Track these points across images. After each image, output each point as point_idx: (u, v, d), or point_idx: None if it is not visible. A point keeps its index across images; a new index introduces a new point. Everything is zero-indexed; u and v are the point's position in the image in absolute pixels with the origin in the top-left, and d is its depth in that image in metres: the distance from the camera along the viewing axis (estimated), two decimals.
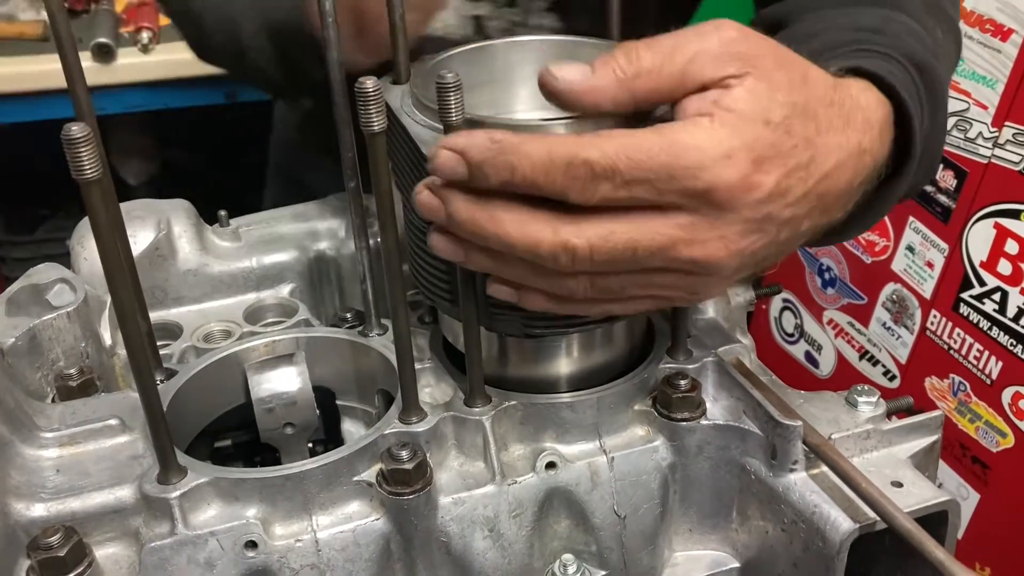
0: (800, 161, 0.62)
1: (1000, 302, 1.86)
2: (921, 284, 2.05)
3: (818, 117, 0.63)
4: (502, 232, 0.60)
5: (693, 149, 0.59)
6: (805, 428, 0.72)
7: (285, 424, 0.82)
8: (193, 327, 0.92)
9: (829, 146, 0.64)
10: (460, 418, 0.74)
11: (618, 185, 0.58)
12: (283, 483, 0.69)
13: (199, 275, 0.95)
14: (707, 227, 0.61)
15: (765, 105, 0.61)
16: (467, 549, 0.72)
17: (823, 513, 0.69)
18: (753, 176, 0.60)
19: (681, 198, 0.60)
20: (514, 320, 0.72)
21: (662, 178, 0.58)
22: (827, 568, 0.69)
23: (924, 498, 0.69)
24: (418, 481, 0.69)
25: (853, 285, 2.24)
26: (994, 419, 1.90)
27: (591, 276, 0.63)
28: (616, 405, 0.76)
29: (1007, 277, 1.85)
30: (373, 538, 0.70)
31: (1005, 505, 1.85)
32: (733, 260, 0.62)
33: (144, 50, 2.35)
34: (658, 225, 0.60)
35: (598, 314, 0.70)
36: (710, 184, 0.59)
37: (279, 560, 0.68)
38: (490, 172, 0.59)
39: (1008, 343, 1.85)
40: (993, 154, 1.88)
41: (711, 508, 0.78)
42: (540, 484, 0.73)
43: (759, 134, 0.60)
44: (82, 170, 0.56)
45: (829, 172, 0.64)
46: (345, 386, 0.87)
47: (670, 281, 0.64)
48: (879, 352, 2.19)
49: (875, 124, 0.68)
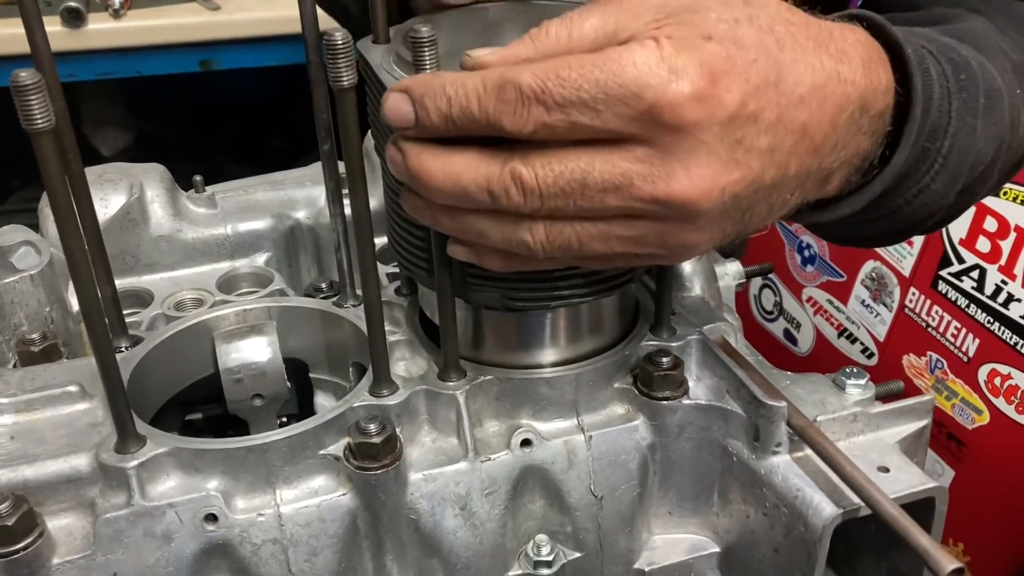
0: (766, 78, 0.54)
1: (978, 280, 1.86)
2: (900, 261, 2.04)
3: (775, 32, 0.56)
4: (453, 174, 0.57)
5: (630, 65, 0.52)
6: (789, 409, 0.69)
7: (254, 395, 0.79)
8: (164, 295, 0.90)
9: (798, 65, 0.56)
10: (433, 392, 0.71)
11: (551, 107, 0.53)
12: (246, 455, 0.66)
13: (172, 241, 0.92)
14: (666, 156, 0.54)
15: (700, 25, 0.54)
16: (437, 527, 0.70)
17: (806, 497, 0.67)
18: (712, 90, 0.52)
19: (629, 124, 0.53)
20: (494, 291, 0.69)
21: (598, 99, 0.52)
22: (809, 554, 0.66)
23: (911, 484, 0.66)
24: (387, 456, 0.67)
25: (832, 263, 2.22)
26: (970, 396, 1.90)
27: (546, 224, 0.58)
28: (595, 382, 0.73)
29: (985, 255, 1.85)
30: (339, 514, 0.68)
31: (979, 482, 1.85)
32: (708, 200, 0.55)
33: (115, 15, 2.30)
34: (610, 156, 0.54)
35: (565, 264, 0.64)
36: (655, 101, 0.52)
37: (240, 534, 0.66)
38: (429, 105, 0.56)
39: (985, 320, 1.85)
40: None
41: (691, 490, 0.76)
42: (515, 462, 0.71)
43: (706, 48, 0.53)
44: (32, 120, 0.53)
45: (805, 96, 0.56)
46: (318, 358, 0.85)
47: (637, 233, 0.58)
48: (857, 330, 2.19)
49: (854, 57, 0.59)
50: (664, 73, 0.52)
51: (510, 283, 0.68)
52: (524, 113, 0.54)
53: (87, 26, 2.27)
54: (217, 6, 2.36)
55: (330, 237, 0.95)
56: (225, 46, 2.38)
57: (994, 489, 1.79)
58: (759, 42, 0.55)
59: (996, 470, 1.83)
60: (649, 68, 0.52)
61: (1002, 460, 1.83)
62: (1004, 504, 1.78)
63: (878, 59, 0.62)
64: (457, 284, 0.69)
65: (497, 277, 0.67)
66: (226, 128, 3.05)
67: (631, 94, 0.52)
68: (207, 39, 2.35)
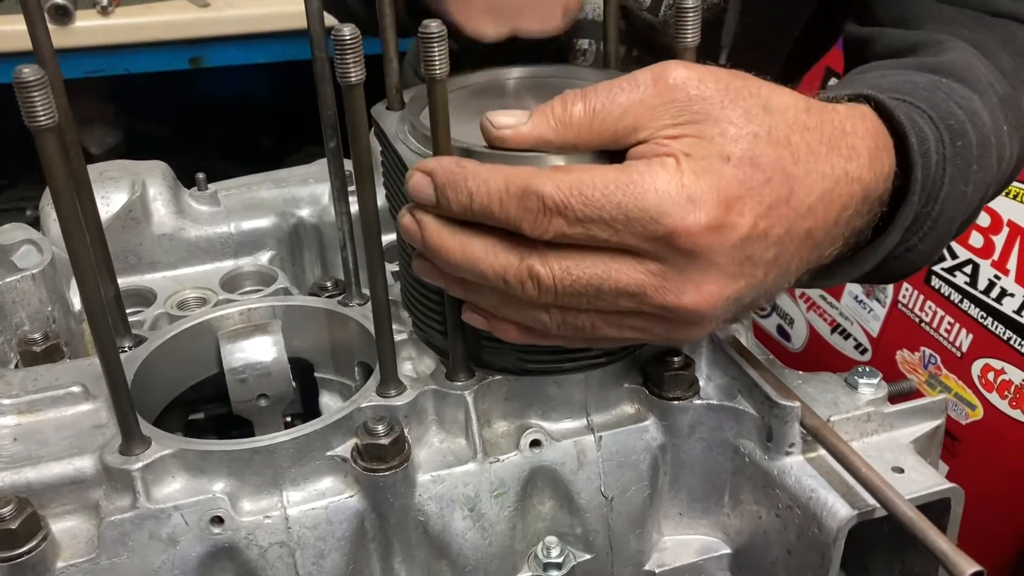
0: (779, 196, 0.56)
1: (971, 275, 1.86)
2: None
3: (791, 144, 0.57)
4: (471, 258, 0.59)
5: (652, 192, 0.54)
6: (803, 409, 0.68)
7: (259, 395, 0.78)
8: (167, 294, 0.89)
9: (811, 176, 0.58)
10: (441, 392, 0.70)
11: (572, 222, 0.55)
12: (252, 456, 0.65)
13: (174, 240, 0.91)
14: (678, 274, 0.56)
15: (719, 143, 0.55)
16: (446, 529, 0.69)
17: (820, 498, 0.66)
18: (725, 218, 0.55)
19: (645, 243, 0.55)
20: (508, 356, 0.70)
21: (618, 220, 0.55)
22: (822, 556, 0.65)
23: (926, 485, 0.66)
24: (395, 457, 0.66)
25: None
26: (964, 391, 1.90)
27: (561, 311, 0.60)
28: (605, 382, 0.73)
29: (978, 250, 1.85)
30: (347, 516, 0.67)
31: (973, 477, 1.84)
32: (713, 309, 0.57)
33: (103, 12, 2.27)
34: (625, 267, 0.56)
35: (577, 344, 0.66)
36: (672, 230, 0.54)
37: (247, 537, 0.65)
38: (451, 195, 0.57)
39: (978, 315, 1.85)
40: None
41: (702, 491, 0.75)
42: (524, 463, 0.70)
43: (723, 172, 0.55)
44: (35, 116, 0.52)
45: (813, 206, 0.58)
46: (324, 358, 0.84)
47: (646, 325, 0.60)
48: (851, 325, 2.19)
49: (863, 151, 0.61)
50: (683, 202, 0.54)
51: (524, 348, 0.69)
52: (545, 222, 0.56)
53: (75, 23, 2.25)
54: (206, 3, 2.34)
55: (334, 235, 0.94)
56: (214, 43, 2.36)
57: (988, 484, 1.79)
58: (775, 160, 0.57)
59: (990, 465, 1.84)
60: (669, 196, 0.54)
61: (996, 455, 1.84)
62: (997, 499, 1.78)
63: (884, 146, 0.64)
64: (471, 347, 0.70)
65: (512, 343, 0.68)
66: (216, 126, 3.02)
67: (650, 219, 0.54)
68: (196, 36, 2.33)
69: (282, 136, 2.91)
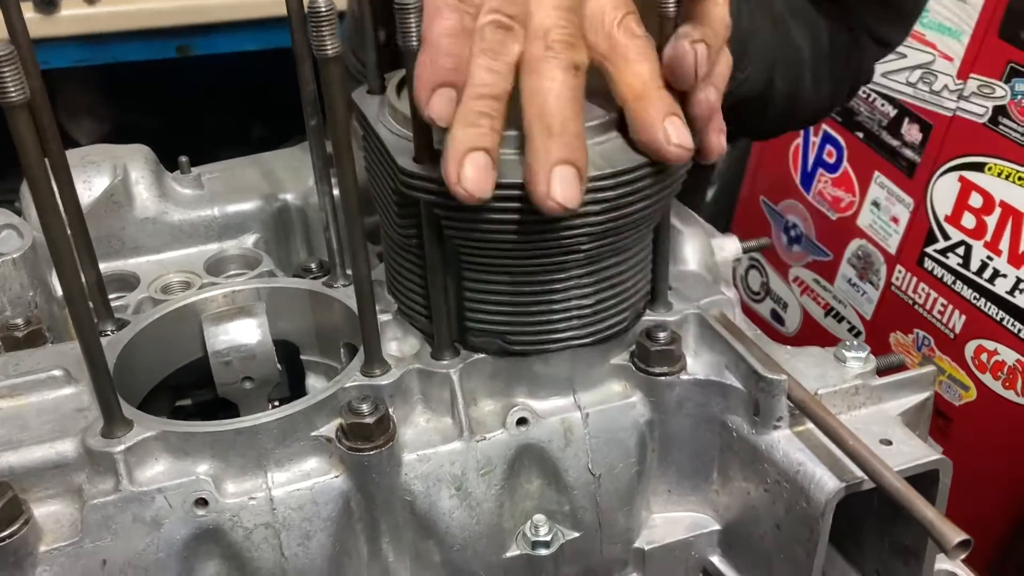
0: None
1: (964, 256, 1.87)
2: (886, 239, 2.05)
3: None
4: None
5: None
6: (790, 383, 0.68)
7: (244, 378, 0.78)
8: (151, 278, 0.88)
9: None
10: (426, 371, 0.70)
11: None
12: (235, 437, 0.65)
13: (158, 223, 0.90)
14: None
15: None
16: (432, 508, 0.68)
17: (807, 472, 0.65)
18: None
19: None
20: (492, 336, 0.69)
21: None
22: (811, 530, 0.65)
23: (914, 456, 0.65)
24: (380, 436, 0.65)
25: (819, 242, 2.23)
26: (957, 372, 1.91)
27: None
28: (592, 359, 0.72)
29: (971, 231, 1.85)
30: (332, 496, 0.66)
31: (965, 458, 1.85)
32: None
33: (89, 1, 2.26)
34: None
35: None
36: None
37: (231, 519, 0.64)
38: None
39: (971, 297, 1.85)
40: (958, 107, 1.88)
41: (691, 468, 0.75)
42: (510, 441, 0.70)
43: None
44: (6, 92, 0.51)
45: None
46: (309, 340, 0.83)
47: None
48: (844, 309, 2.20)
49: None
50: None
51: (509, 327, 0.68)
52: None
53: (60, 12, 2.22)
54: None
55: (320, 218, 0.93)
56: (202, 31, 2.34)
57: (981, 465, 1.80)
58: None
59: (983, 446, 1.84)
60: None
61: (989, 436, 1.85)
62: (990, 479, 1.79)
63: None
64: (455, 329, 0.70)
65: (496, 323, 0.68)
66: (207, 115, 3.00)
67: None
68: (184, 24, 2.31)
69: (273, 125, 2.88)
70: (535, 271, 0.67)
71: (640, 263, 0.72)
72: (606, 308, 0.70)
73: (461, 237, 0.65)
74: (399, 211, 0.67)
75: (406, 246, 0.70)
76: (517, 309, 0.69)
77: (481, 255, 0.66)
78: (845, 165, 2.16)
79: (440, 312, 0.68)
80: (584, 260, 0.67)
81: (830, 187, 2.21)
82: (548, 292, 0.68)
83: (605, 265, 0.68)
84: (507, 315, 0.69)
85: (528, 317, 0.69)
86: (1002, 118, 1.81)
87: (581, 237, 0.64)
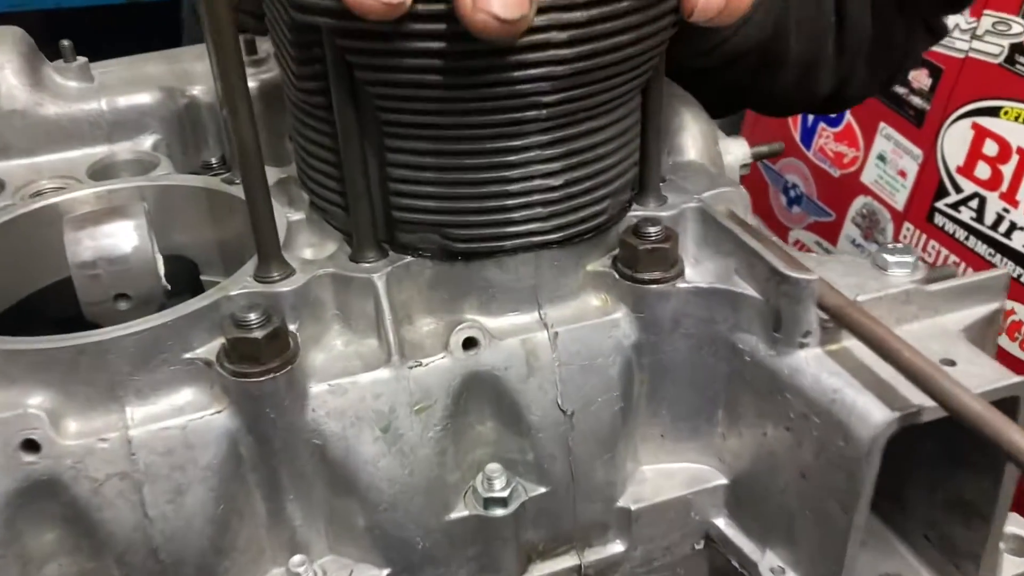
0: None
1: (978, 209, 1.77)
2: (893, 195, 1.97)
3: None
4: None
5: None
6: (821, 286, 0.51)
7: (116, 296, 0.61)
8: (19, 183, 0.72)
9: None
10: (343, 276, 0.54)
11: None
12: (78, 358, 0.49)
13: (28, 118, 0.73)
14: None
15: None
16: (351, 456, 0.53)
17: (846, 400, 0.50)
18: None
19: None
20: (429, 230, 0.54)
21: None
22: (850, 476, 0.49)
23: (988, 379, 0.50)
24: (274, 357, 0.49)
25: (820, 201, 2.15)
26: None
27: None
28: (562, 263, 0.57)
29: (985, 182, 1.75)
30: (212, 438, 0.50)
31: None
32: None
33: None
34: None
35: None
36: None
37: (73, 467, 0.49)
38: None
39: (986, 252, 1.76)
40: (971, 47, 1.78)
41: (690, 405, 0.59)
42: (455, 367, 0.54)
43: None
44: None
45: None
46: (210, 256, 0.68)
47: None
48: None
49: None
50: None
51: (450, 218, 0.53)
52: None
53: None
54: None
55: None
56: None
57: None
58: None
59: None
60: None
61: None
62: None
63: None
64: (381, 223, 0.55)
65: (432, 211, 0.53)
66: None
67: None
68: None
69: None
70: (481, 138, 0.51)
71: (625, 136, 0.56)
72: (579, 193, 0.55)
73: (377, 82, 0.48)
74: (296, 54, 0.51)
75: (311, 110, 0.54)
76: (459, 192, 0.53)
77: (407, 114, 0.50)
78: (848, 118, 2.06)
79: (358, 197, 0.52)
80: (548, 122, 0.51)
81: (832, 142, 2.12)
82: (500, 168, 0.52)
83: (577, 131, 0.52)
84: (447, 201, 0.53)
85: (474, 203, 0.53)
86: (1019, 56, 1.71)
87: (542, 83, 0.48)
